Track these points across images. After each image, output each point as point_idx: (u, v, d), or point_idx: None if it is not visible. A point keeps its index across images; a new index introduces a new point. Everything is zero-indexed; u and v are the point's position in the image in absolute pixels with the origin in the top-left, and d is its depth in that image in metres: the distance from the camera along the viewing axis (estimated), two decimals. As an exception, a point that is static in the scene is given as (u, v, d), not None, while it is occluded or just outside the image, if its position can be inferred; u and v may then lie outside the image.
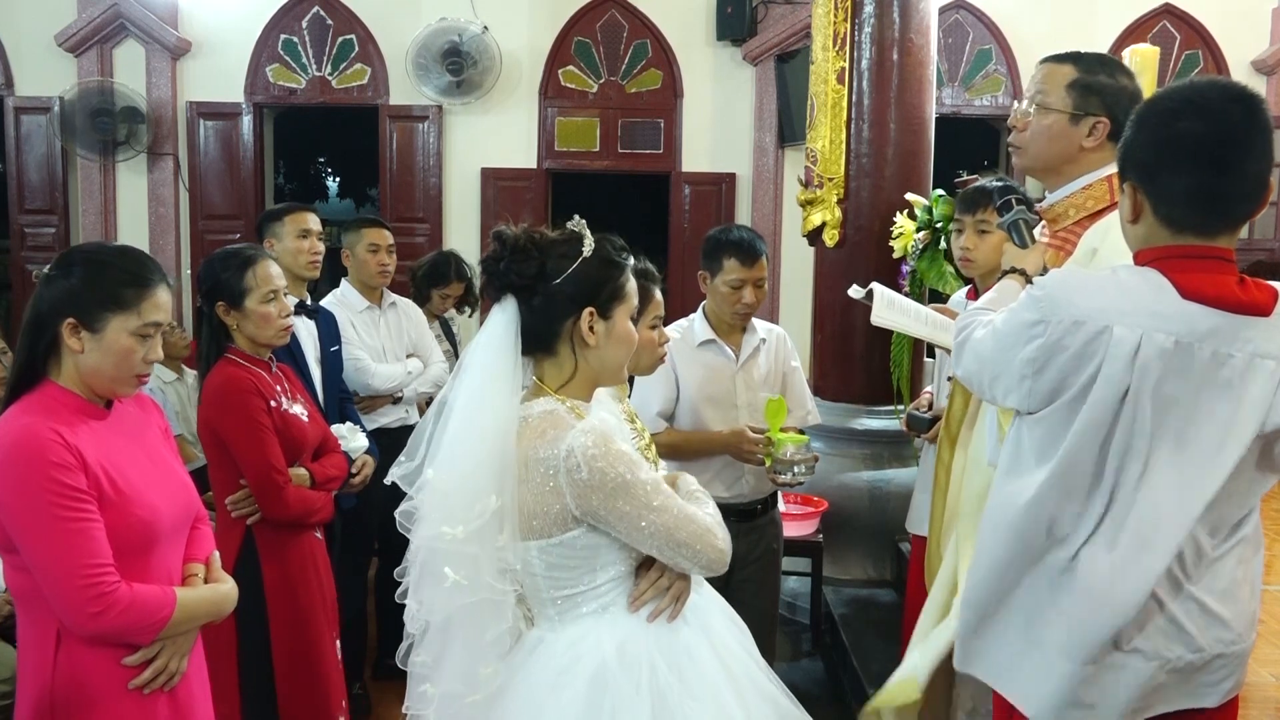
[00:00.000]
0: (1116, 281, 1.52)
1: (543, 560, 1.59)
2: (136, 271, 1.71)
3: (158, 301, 1.71)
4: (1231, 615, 1.54)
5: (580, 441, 1.53)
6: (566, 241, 1.63)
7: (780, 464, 2.62)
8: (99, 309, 1.66)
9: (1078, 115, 1.94)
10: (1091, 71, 1.96)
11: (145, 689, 1.67)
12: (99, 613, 1.58)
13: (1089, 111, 1.94)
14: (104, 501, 1.63)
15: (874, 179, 4.17)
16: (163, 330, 1.74)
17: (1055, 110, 1.95)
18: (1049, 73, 1.98)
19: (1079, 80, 1.95)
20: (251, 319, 2.37)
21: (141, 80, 7.13)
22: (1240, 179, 1.48)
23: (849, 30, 4.16)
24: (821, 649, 3.82)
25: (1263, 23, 7.23)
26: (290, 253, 3.14)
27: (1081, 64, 1.97)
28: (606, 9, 7.27)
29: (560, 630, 1.61)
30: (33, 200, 7.31)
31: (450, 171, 7.30)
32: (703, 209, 7.21)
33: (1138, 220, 1.54)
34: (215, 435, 2.33)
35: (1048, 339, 1.50)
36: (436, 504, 1.58)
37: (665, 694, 1.54)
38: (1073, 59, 1.98)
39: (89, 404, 1.71)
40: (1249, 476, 1.54)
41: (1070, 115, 1.95)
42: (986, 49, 7.27)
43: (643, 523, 1.54)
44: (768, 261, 2.84)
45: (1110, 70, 1.97)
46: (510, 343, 1.62)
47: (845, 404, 4.30)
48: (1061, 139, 1.96)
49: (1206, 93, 1.49)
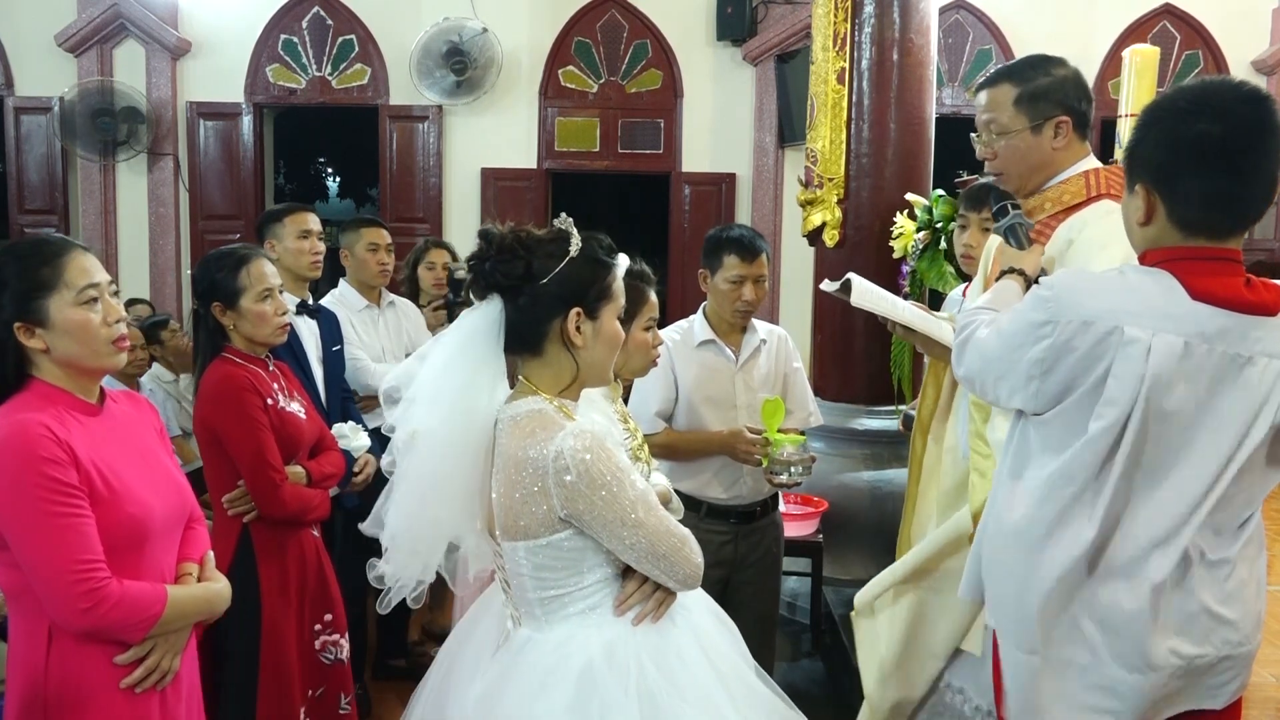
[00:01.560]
0: (1125, 282, 1.51)
1: (530, 561, 1.58)
2: (46, 250, 1.69)
3: (81, 266, 1.68)
4: (1238, 616, 1.54)
5: (570, 444, 1.52)
6: (553, 241, 1.61)
7: (777, 464, 2.62)
8: (32, 301, 1.65)
9: (1037, 124, 1.97)
10: (1028, 79, 1.99)
11: (137, 688, 1.66)
12: (89, 608, 1.57)
13: (1046, 116, 1.97)
14: (95, 498, 1.62)
15: (874, 179, 4.16)
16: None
17: (1014, 130, 1.99)
18: (991, 99, 2.02)
19: (1022, 93, 1.98)
20: (247, 318, 2.37)
21: (141, 80, 7.13)
22: (1256, 181, 1.48)
23: (849, 30, 4.15)
24: (821, 649, 3.82)
25: (1263, 23, 7.23)
26: (292, 253, 3.14)
27: (1015, 77, 2.00)
28: (606, 9, 7.27)
29: (547, 631, 1.61)
30: (33, 200, 7.32)
31: (450, 171, 7.30)
32: (703, 209, 7.20)
33: (1149, 222, 1.52)
34: (212, 433, 2.33)
35: (1056, 340, 1.49)
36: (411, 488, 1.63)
37: (654, 694, 1.53)
38: (1005, 76, 2.02)
39: (80, 400, 1.70)
40: (1255, 477, 1.53)
41: (1030, 128, 1.98)
42: (986, 49, 7.27)
43: (624, 532, 1.54)
44: (768, 260, 2.83)
45: (1043, 68, 2.00)
46: (494, 340, 1.61)
47: (845, 404, 4.29)
48: (1033, 151, 2.00)
49: (1220, 94, 1.47)
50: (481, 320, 1.61)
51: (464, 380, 1.61)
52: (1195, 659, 1.52)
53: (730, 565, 2.80)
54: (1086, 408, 1.49)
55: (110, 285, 1.74)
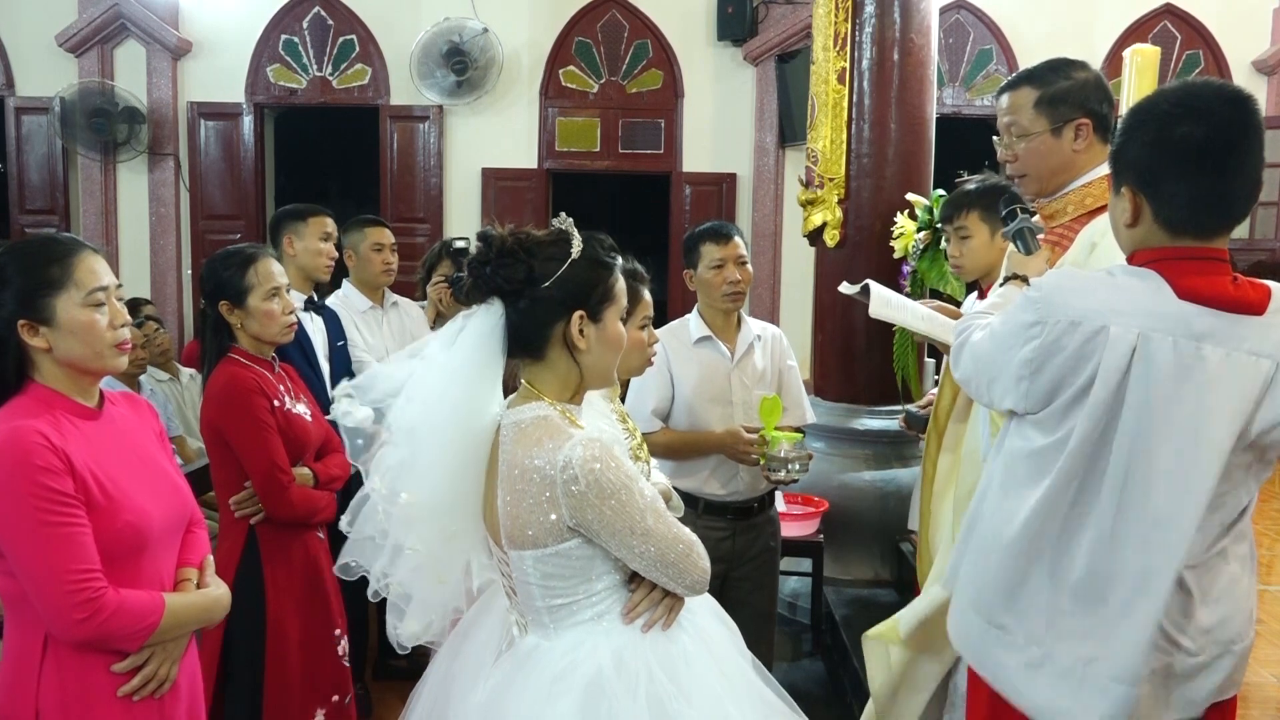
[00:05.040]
0: (1113, 282, 1.52)
1: (538, 570, 1.56)
2: (56, 249, 1.68)
3: (90, 267, 1.68)
4: (1231, 613, 1.55)
5: (579, 453, 1.49)
6: (554, 243, 1.58)
7: (774, 462, 2.63)
8: (40, 298, 1.63)
9: (1057, 127, 1.98)
10: (1049, 82, 2.00)
11: (134, 696, 1.65)
12: (85, 619, 1.55)
13: (1066, 119, 1.98)
14: (92, 506, 1.60)
15: (875, 179, 4.17)
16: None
17: (1035, 133, 2.00)
18: (1012, 102, 2.03)
19: (1042, 96, 1.99)
20: (255, 316, 2.37)
21: (142, 80, 7.13)
22: (1239, 181, 1.49)
23: (849, 30, 4.16)
24: (822, 649, 3.82)
25: (1263, 23, 7.24)
26: (311, 254, 3.17)
27: (1036, 80, 2.01)
28: (607, 9, 7.27)
29: (555, 638, 1.59)
30: (33, 200, 7.32)
31: (451, 171, 7.31)
32: (703, 209, 7.20)
33: (1136, 223, 1.54)
34: (219, 435, 2.33)
35: (1045, 339, 1.51)
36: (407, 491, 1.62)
37: (662, 700, 1.52)
38: (1026, 79, 2.03)
39: (78, 404, 1.68)
40: (1244, 475, 1.54)
41: (1050, 130, 1.99)
42: (987, 49, 7.28)
43: (634, 541, 1.52)
44: (744, 243, 2.85)
45: (1064, 71, 2.01)
46: (495, 345, 1.58)
47: (846, 404, 4.30)
48: (1054, 154, 2.00)
49: (1203, 95, 1.49)
50: (482, 324, 1.58)
51: (465, 388, 1.58)
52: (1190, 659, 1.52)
53: (728, 562, 2.80)
54: (1078, 411, 1.50)
55: (118, 288, 1.73)
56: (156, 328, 4.52)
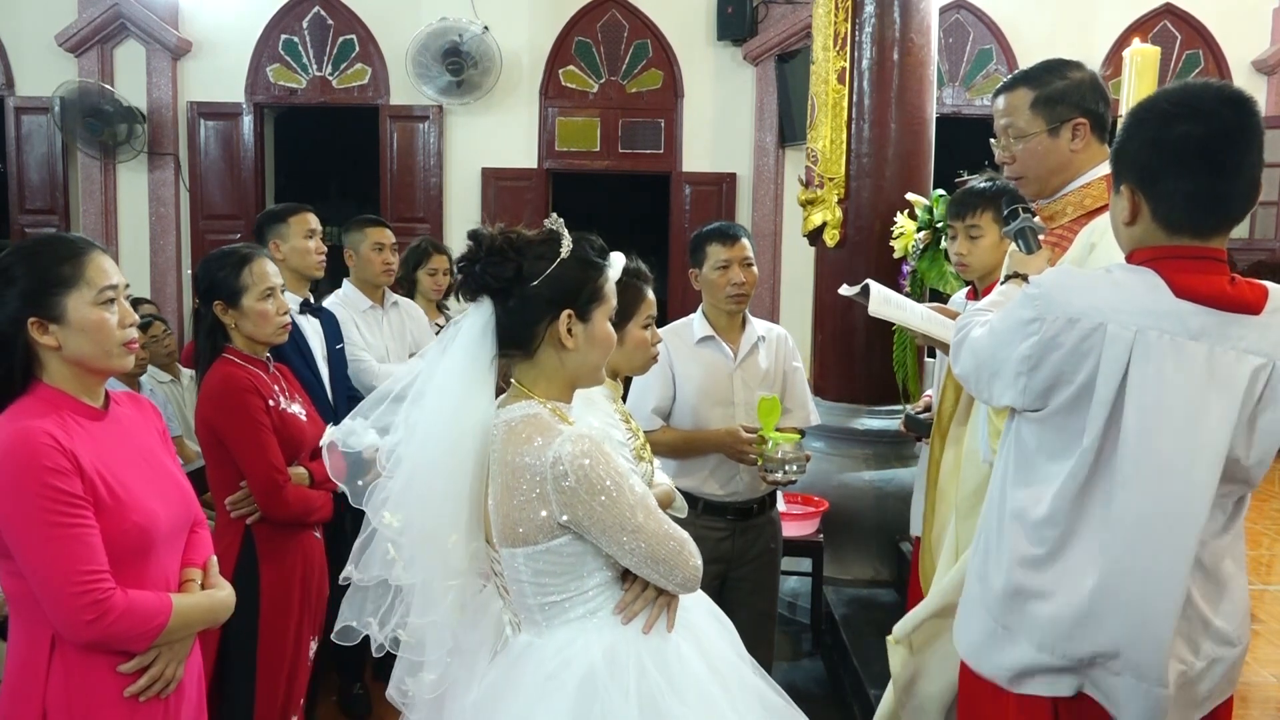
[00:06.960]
0: (1111, 280, 1.53)
1: (529, 567, 1.57)
2: (67, 247, 1.68)
3: (101, 266, 1.68)
4: (1229, 612, 1.55)
5: (568, 449, 1.50)
6: (544, 242, 1.60)
7: (771, 462, 2.63)
8: (51, 296, 1.63)
9: (1054, 127, 1.99)
10: (1044, 83, 2.00)
11: (141, 696, 1.65)
12: (93, 620, 1.56)
13: (1063, 118, 1.98)
14: (100, 506, 1.60)
15: (874, 179, 4.17)
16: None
17: (1032, 133, 2.00)
18: (1009, 103, 2.04)
19: (1039, 97, 2.00)
20: (249, 317, 2.37)
21: (142, 80, 7.13)
22: (1238, 181, 1.50)
23: (849, 30, 4.16)
24: (822, 649, 3.82)
25: (1263, 23, 7.24)
26: (299, 253, 3.14)
27: (1032, 81, 2.02)
28: (607, 9, 7.27)
29: (548, 635, 1.59)
30: (33, 200, 7.32)
31: (450, 171, 7.31)
32: (703, 209, 7.20)
33: (1134, 222, 1.55)
34: (214, 435, 2.33)
35: (1043, 336, 1.51)
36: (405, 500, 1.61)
37: (655, 698, 1.52)
38: (1022, 80, 2.04)
39: (85, 405, 1.68)
40: (1240, 473, 1.54)
41: (1047, 131, 1.99)
42: (987, 49, 7.28)
43: (624, 537, 1.52)
44: (751, 245, 2.84)
45: (1060, 71, 2.01)
46: (487, 345, 1.59)
47: (846, 404, 4.30)
48: (1051, 154, 2.01)
49: (1202, 96, 1.49)
50: (473, 325, 1.60)
51: (458, 386, 1.60)
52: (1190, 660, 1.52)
53: (727, 561, 2.80)
54: (1080, 410, 1.50)
55: (126, 288, 1.74)
56: (165, 329, 4.52)
